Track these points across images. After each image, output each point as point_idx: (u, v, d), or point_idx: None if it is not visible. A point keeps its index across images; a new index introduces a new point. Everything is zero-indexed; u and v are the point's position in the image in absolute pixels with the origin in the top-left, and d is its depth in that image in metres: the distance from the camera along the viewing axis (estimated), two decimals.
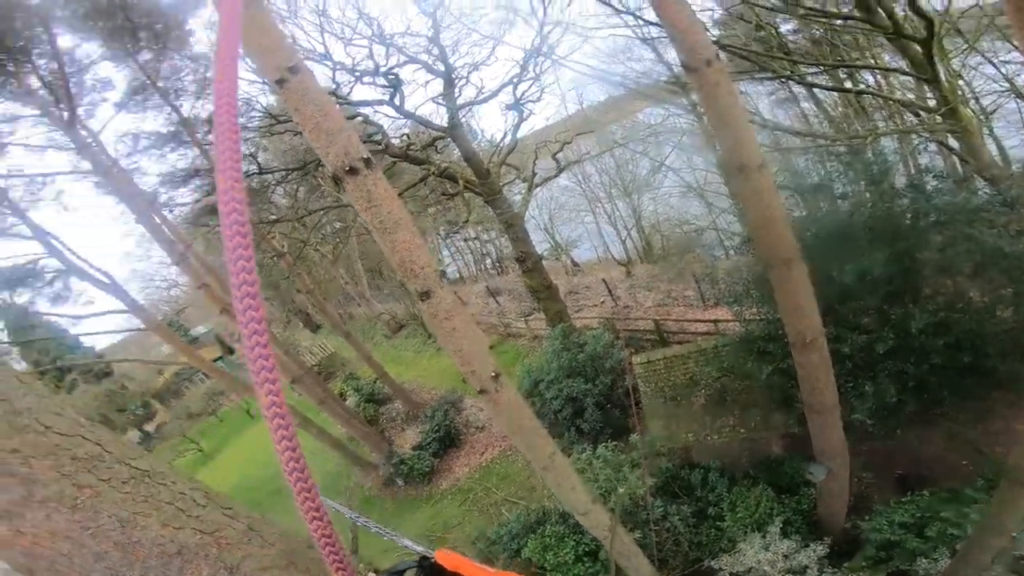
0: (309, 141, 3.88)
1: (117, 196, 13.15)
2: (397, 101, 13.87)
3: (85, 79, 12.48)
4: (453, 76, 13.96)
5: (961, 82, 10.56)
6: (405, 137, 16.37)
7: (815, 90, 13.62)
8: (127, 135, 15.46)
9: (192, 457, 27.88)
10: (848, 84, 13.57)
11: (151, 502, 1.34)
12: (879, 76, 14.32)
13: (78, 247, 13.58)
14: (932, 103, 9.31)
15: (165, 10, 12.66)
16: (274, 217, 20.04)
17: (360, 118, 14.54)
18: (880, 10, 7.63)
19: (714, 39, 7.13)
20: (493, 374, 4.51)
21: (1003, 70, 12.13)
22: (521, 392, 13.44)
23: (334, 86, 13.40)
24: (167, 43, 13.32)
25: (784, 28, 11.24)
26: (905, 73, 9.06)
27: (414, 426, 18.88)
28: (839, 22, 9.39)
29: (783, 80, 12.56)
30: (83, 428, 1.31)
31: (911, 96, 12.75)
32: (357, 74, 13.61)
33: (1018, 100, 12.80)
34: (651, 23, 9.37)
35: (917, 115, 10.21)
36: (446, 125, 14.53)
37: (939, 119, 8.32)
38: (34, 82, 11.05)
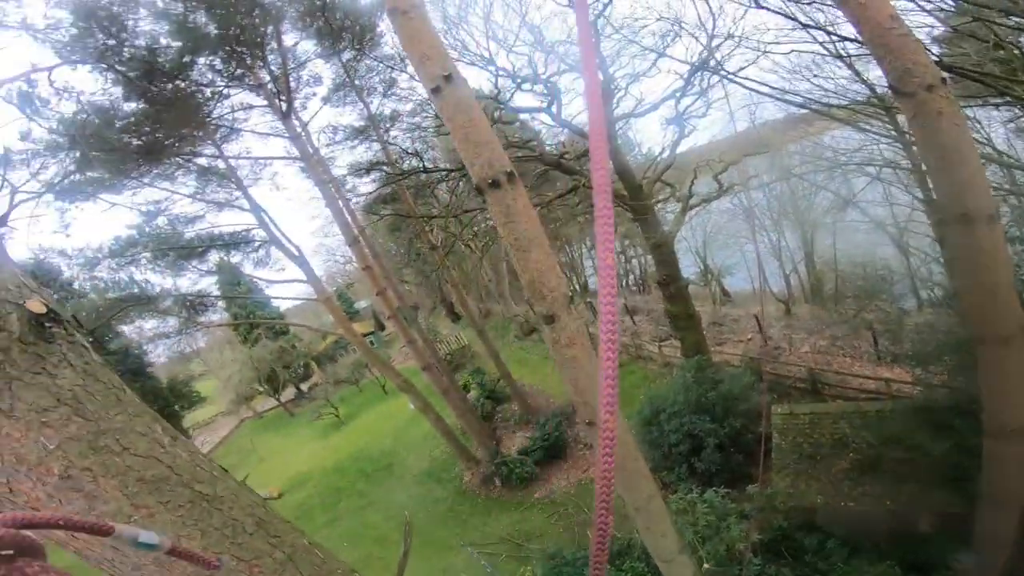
0: (458, 150, 3.99)
1: (314, 181, 15.21)
2: (554, 109, 13.97)
3: (302, 75, 14.28)
4: (612, 87, 13.64)
5: None
6: (560, 145, 16.49)
7: None
8: (328, 127, 17.98)
9: (328, 420, 30.42)
10: None
11: (199, 526, 1.46)
12: None
13: (279, 222, 16.04)
14: None
15: (361, 12, 14.21)
16: (435, 212, 21.78)
17: (517, 123, 14.97)
18: None
19: (936, 58, 5.83)
20: None
21: None
22: (640, 418, 12.87)
23: (496, 91, 13.97)
24: (364, 43, 15.06)
25: None
26: None
27: (524, 430, 19.05)
28: None
29: None
30: (160, 450, 1.45)
31: None
32: (517, 80, 13.98)
33: None
34: (847, 39, 7.94)
35: None
36: None
37: None
38: (264, 76, 12.74)
